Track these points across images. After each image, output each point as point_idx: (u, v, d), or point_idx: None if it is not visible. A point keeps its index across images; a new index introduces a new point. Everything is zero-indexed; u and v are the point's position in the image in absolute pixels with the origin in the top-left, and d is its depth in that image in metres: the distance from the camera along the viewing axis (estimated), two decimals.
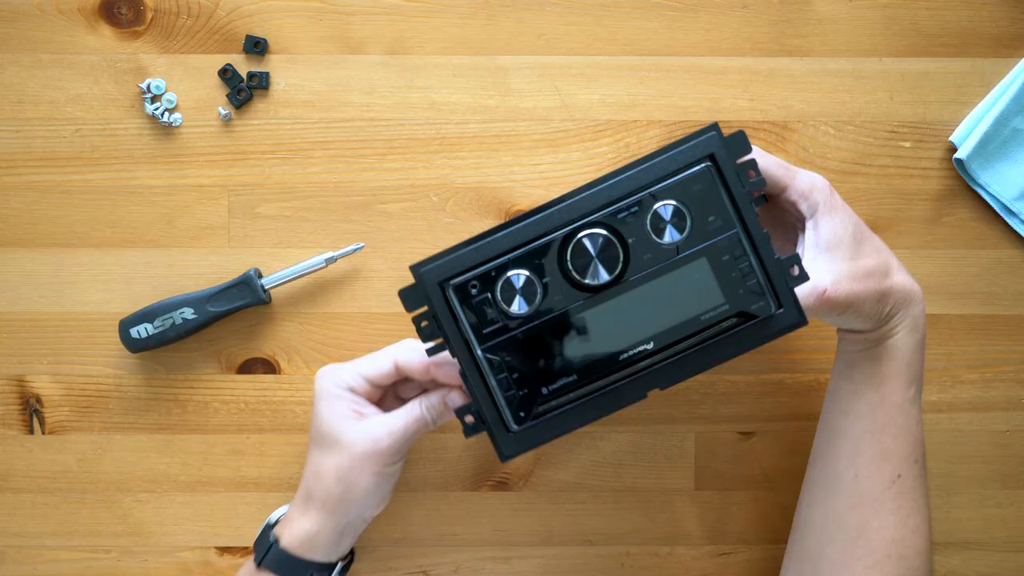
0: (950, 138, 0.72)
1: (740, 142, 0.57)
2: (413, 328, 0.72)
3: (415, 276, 0.57)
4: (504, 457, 0.58)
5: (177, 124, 0.72)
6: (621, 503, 0.74)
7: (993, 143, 0.72)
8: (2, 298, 0.73)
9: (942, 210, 0.73)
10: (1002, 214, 0.73)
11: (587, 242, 0.56)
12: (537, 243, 0.56)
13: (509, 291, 0.56)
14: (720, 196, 0.56)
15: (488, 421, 0.58)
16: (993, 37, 0.72)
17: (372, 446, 0.63)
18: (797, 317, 0.57)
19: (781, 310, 0.57)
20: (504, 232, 0.57)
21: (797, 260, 0.57)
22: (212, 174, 0.72)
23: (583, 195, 0.56)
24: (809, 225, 0.61)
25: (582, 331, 0.57)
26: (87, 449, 0.73)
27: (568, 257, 0.56)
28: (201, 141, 0.72)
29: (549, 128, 0.72)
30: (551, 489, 0.74)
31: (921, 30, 0.72)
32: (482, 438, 0.74)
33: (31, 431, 0.73)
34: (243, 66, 0.72)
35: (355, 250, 0.71)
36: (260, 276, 0.71)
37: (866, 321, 0.62)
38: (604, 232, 0.56)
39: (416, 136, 0.72)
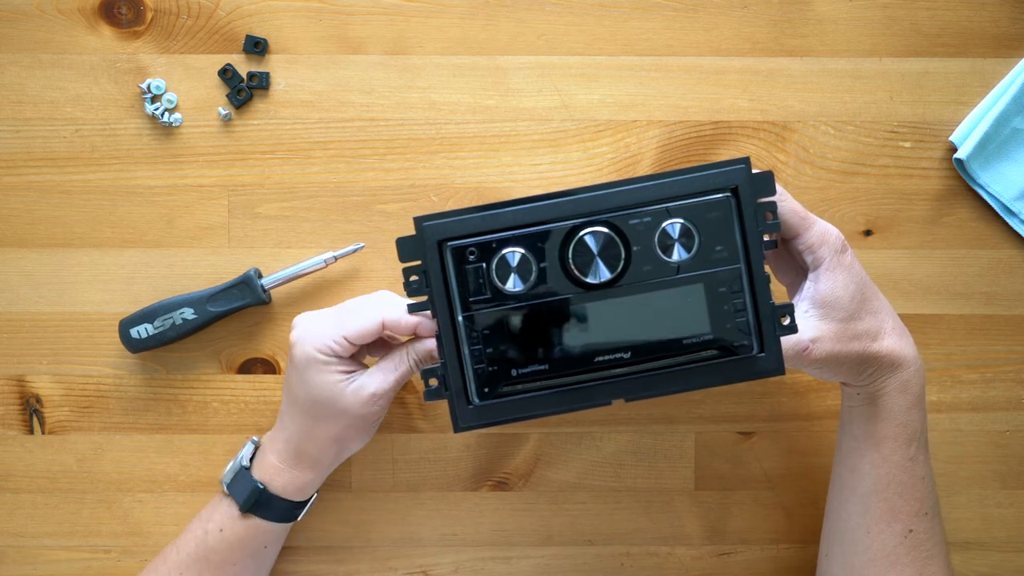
0: (950, 138, 0.72)
1: (766, 181, 0.57)
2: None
3: (417, 228, 0.57)
4: (458, 428, 0.58)
5: (177, 124, 0.72)
6: (621, 503, 0.74)
7: (993, 143, 0.72)
8: (2, 298, 0.73)
9: (942, 210, 0.73)
10: (1002, 214, 0.73)
11: (592, 239, 0.56)
12: (544, 227, 0.56)
13: (505, 267, 0.56)
14: (733, 229, 0.57)
15: (452, 389, 0.58)
16: (993, 37, 0.72)
17: (367, 408, 0.64)
18: (776, 365, 0.58)
19: (762, 354, 0.57)
20: (515, 208, 0.57)
21: (790, 310, 0.58)
22: (212, 174, 0.72)
23: (601, 192, 0.56)
24: (811, 278, 0.61)
25: (565, 324, 0.57)
26: (87, 449, 0.73)
27: (570, 249, 0.56)
28: (201, 141, 0.72)
29: (549, 128, 0.72)
30: (551, 489, 0.74)
31: (921, 30, 0.72)
32: (483, 440, 0.74)
33: (31, 431, 0.73)
34: (243, 66, 0.72)
35: (355, 250, 0.71)
36: (260, 276, 0.71)
37: (846, 378, 0.63)
38: (611, 233, 0.56)
39: (416, 136, 0.72)
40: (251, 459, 0.67)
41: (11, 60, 0.72)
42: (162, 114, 0.72)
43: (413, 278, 0.58)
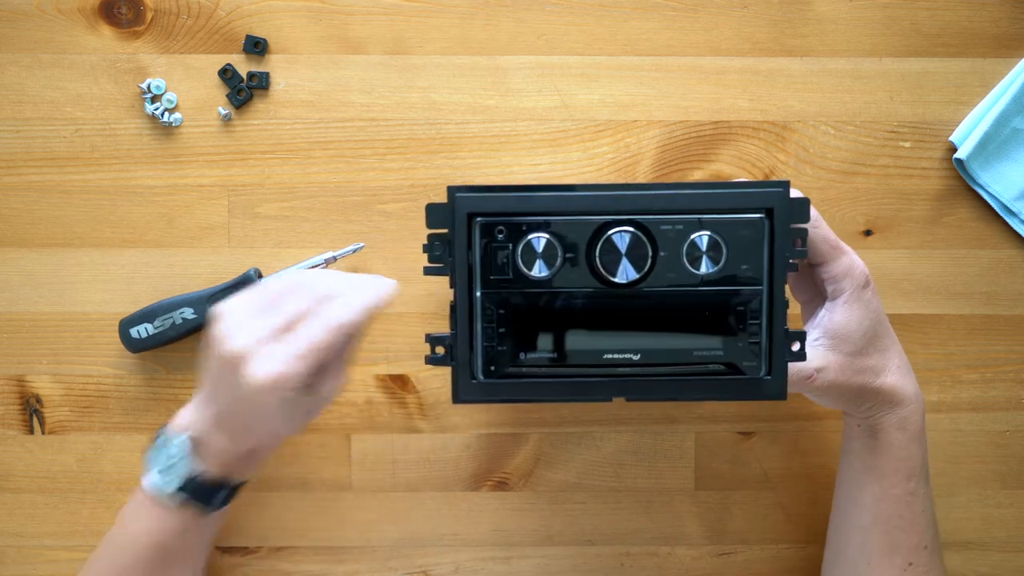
0: (950, 138, 0.72)
1: (803, 209, 0.57)
2: (409, 329, 0.73)
3: (449, 197, 0.57)
4: (458, 400, 0.58)
5: (177, 124, 0.72)
6: (621, 503, 0.74)
7: (993, 143, 0.72)
8: (2, 298, 0.73)
9: (942, 210, 0.73)
10: (1002, 214, 0.73)
11: (622, 238, 0.56)
12: (578, 218, 0.56)
13: (530, 251, 0.56)
14: (762, 250, 0.57)
15: (457, 360, 0.58)
16: (993, 37, 0.72)
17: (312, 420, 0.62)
18: (779, 390, 0.58)
19: (768, 377, 0.58)
20: (551, 194, 0.57)
21: (802, 338, 0.58)
22: (212, 174, 0.72)
23: (639, 192, 0.56)
24: (827, 307, 0.62)
25: (580, 317, 0.57)
26: (87, 449, 0.73)
27: (599, 244, 0.56)
28: (201, 141, 0.72)
29: (549, 128, 0.72)
30: (551, 489, 0.74)
31: (921, 30, 0.72)
32: (483, 440, 0.74)
33: (31, 431, 0.73)
34: (243, 66, 0.72)
35: (355, 250, 0.71)
36: (260, 276, 0.71)
37: (846, 408, 0.64)
38: (642, 235, 0.56)
39: (416, 136, 0.72)
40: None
41: (11, 60, 0.72)
42: (162, 114, 0.72)
43: (436, 244, 0.58)
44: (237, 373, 0.55)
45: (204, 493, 0.61)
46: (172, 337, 0.70)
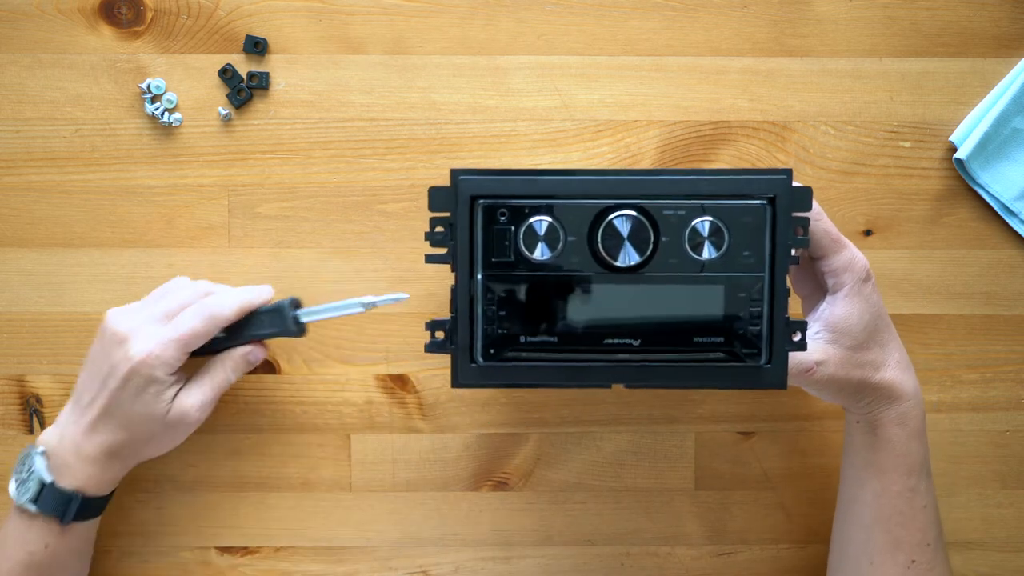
0: (950, 138, 0.72)
1: (805, 197, 0.57)
2: (408, 329, 0.73)
3: (452, 180, 0.57)
4: (457, 384, 0.58)
5: (177, 124, 0.72)
6: (621, 503, 0.74)
7: (993, 143, 0.72)
8: (2, 298, 0.73)
9: (942, 210, 0.73)
10: (1002, 214, 0.73)
11: (625, 222, 0.56)
12: (581, 202, 0.56)
13: (532, 234, 0.56)
14: (764, 237, 0.57)
15: (457, 343, 0.58)
16: (993, 37, 0.72)
17: (190, 423, 0.66)
18: (779, 379, 0.58)
19: (768, 365, 0.58)
20: (554, 177, 0.57)
21: (803, 327, 0.58)
22: (212, 174, 0.72)
23: (643, 177, 0.57)
24: (828, 300, 0.62)
25: (581, 301, 0.57)
26: None
27: (601, 228, 0.56)
28: (201, 141, 0.72)
29: (549, 128, 0.72)
30: (551, 489, 0.74)
31: (921, 30, 0.72)
32: (483, 440, 0.74)
33: (31, 431, 0.73)
34: (243, 66, 0.72)
35: (396, 300, 0.66)
36: (297, 306, 0.67)
37: (844, 403, 0.64)
38: (644, 220, 0.56)
39: (416, 136, 0.72)
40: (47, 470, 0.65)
41: (11, 60, 0.72)
42: (162, 114, 0.72)
43: (438, 229, 0.58)
44: (121, 349, 0.64)
45: (56, 504, 0.64)
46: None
